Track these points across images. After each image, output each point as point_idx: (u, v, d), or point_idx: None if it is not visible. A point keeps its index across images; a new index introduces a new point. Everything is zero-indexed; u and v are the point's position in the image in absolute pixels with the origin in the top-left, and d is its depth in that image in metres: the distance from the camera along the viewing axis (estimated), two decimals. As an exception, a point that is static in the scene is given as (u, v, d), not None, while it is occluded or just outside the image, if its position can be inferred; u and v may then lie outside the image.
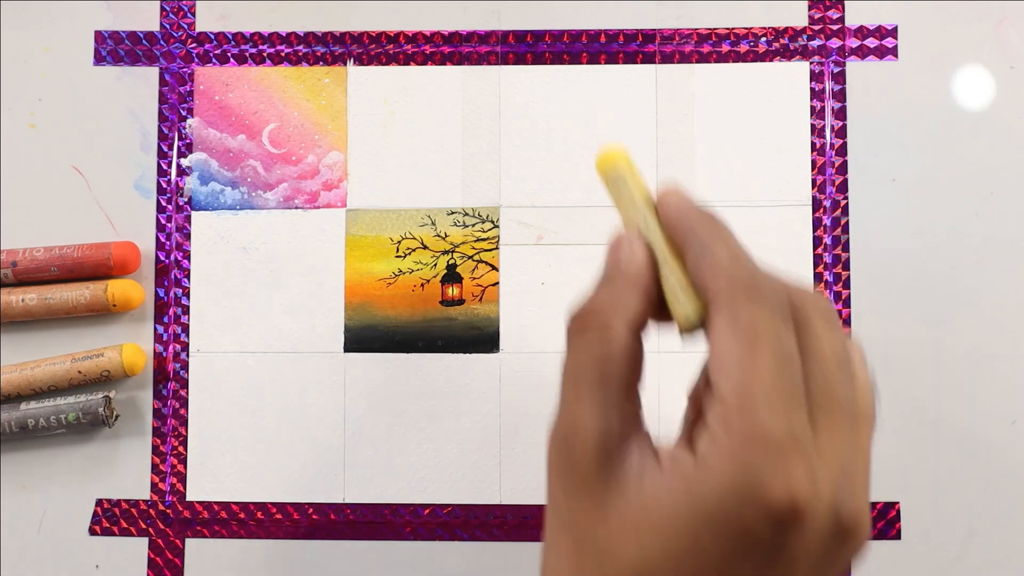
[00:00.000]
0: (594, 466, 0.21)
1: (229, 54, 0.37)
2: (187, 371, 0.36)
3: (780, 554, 0.20)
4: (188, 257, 0.36)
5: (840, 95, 0.36)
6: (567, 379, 0.23)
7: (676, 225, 0.23)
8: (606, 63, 0.36)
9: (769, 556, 0.20)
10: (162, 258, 0.36)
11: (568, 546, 0.22)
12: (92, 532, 0.35)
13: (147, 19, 0.37)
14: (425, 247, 0.36)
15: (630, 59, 0.36)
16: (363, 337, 0.36)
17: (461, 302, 0.36)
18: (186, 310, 0.36)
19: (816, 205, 0.36)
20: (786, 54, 0.36)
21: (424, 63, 0.37)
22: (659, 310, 0.23)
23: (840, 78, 0.36)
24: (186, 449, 0.36)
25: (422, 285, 0.36)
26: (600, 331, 0.22)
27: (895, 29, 0.36)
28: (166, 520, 0.35)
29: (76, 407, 0.34)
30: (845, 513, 0.20)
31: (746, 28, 0.36)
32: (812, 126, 0.36)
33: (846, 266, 0.35)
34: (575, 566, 0.22)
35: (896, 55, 0.36)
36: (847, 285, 0.35)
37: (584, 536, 0.22)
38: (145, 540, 0.35)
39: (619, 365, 0.22)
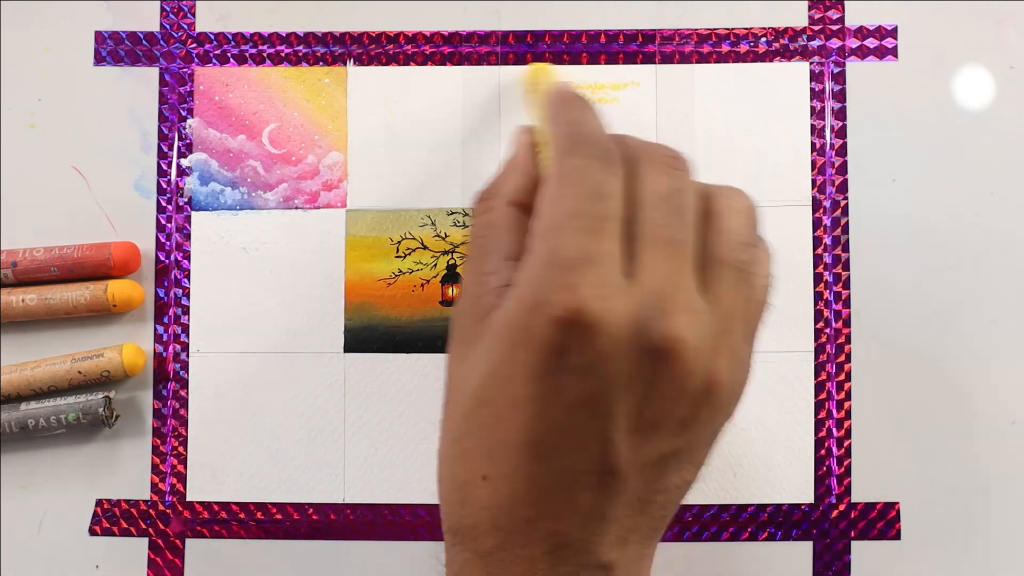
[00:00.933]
0: (468, 320, 0.24)
1: (229, 54, 0.37)
2: (187, 371, 0.36)
3: (573, 366, 0.21)
4: (188, 257, 0.36)
5: (840, 95, 0.36)
6: (467, 250, 0.26)
7: (546, 111, 0.26)
8: (606, 63, 0.36)
9: (563, 368, 0.21)
10: (162, 258, 0.36)
11: (446, 394, 0.25)
12: (92, 532, 0.36)
13: (147, 19, 0.37)
14: (425, 247, 0.36)
15: (630, 59, 0.36)
16: (363, 337, 0.36)
17: (461, 302, 0.36)
18: (186, 310, 0.36)
19: (816, 205, 0.36)
20: (786, 54, 0.36)
21: (424, 63, 0.37)
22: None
23: (840, 78, 0.36)
24: (186, 449, 0.36)
25: (422, 285, 0.36)
26: (486, 207, 0.26)
27: (895, 29, 0.36)
28: (166, 520, 0.35)
29: (76, 407, 0.34)
30: (650, 333, 0.21)
31: (746, 28, 0.36)
32: (812, 126, 0.36)
33: (846, 266, 0.35)
34: (445, 410, 0.24)
35: (896, 55, 0.36)
36: (847, 285, 0.35)
37: (452, 381, 0.24)
38: (145, 540, 0.35)
39: (499, 234, 0.25)
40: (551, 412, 0.21)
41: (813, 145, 0.36)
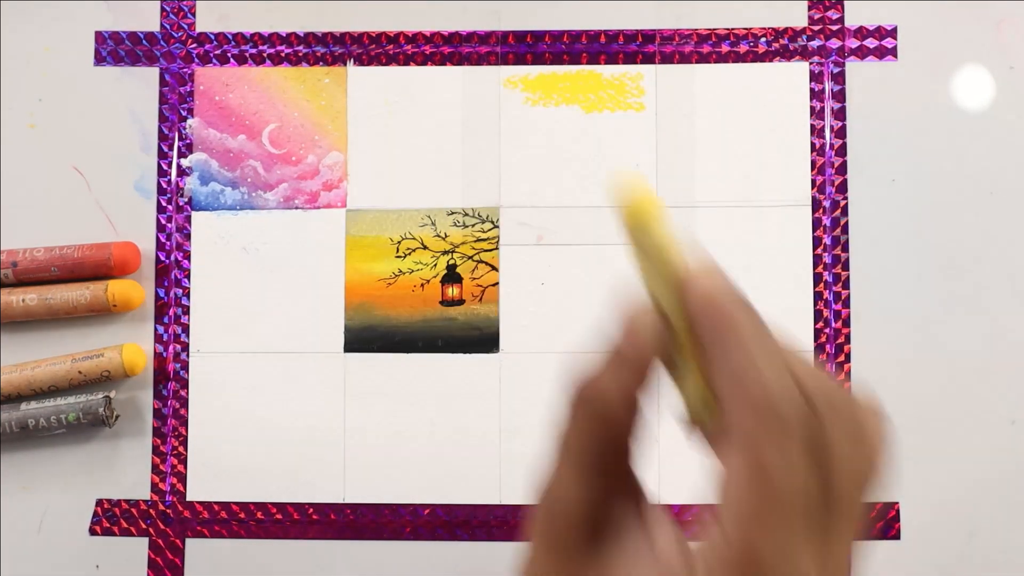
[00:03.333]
0: (575, 535, 0.21)
1: (229, 54, 0.37)
2: (187, 371, 0.36)
3: None
4: (188, 257, 0.36)
5: (840, 95, 0.36)
6: (559, 445, 0.21)
7: (700, 316, 0.21)
8: (606, 63, 0.36)
9: None
10: (162, 258, 0.36)
11: None
12: (92, 532, 0.35)
13: (147, 19, 0.37)
14: (425, 247, 0.36)
15: (630, 59, 0.36)
16: (363, 337, 0.36)
17: (461, 302, 0.36)
18: (186, 310, 0.36)
19: (816, 205, 0.36)
20: (786, 54, 0.36)
21: (424, 63, 0.37)
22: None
23: (840, 78, 0.36)
24: (186, 449, 0.36)
25: (422, 285, 0.36)
26: (593, 406, 0.21)
27: (895, 29, 0.36)
28: (166, 520, 0.35)
29: (76, 407, 0.34)
30: None
31: (746, 28, 0.36)
32: (812, 126, 0.36)
33: (846, 266, 0.35)
34: None
35: (896, 55, 0.36)
36: (847, 285, 0.35)
37: None
38: (145, 540, 0.35)
39: (609, 439, 0.21)
40: None
41: (813, 145, 0.36)
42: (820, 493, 0.20)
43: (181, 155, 0.37)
